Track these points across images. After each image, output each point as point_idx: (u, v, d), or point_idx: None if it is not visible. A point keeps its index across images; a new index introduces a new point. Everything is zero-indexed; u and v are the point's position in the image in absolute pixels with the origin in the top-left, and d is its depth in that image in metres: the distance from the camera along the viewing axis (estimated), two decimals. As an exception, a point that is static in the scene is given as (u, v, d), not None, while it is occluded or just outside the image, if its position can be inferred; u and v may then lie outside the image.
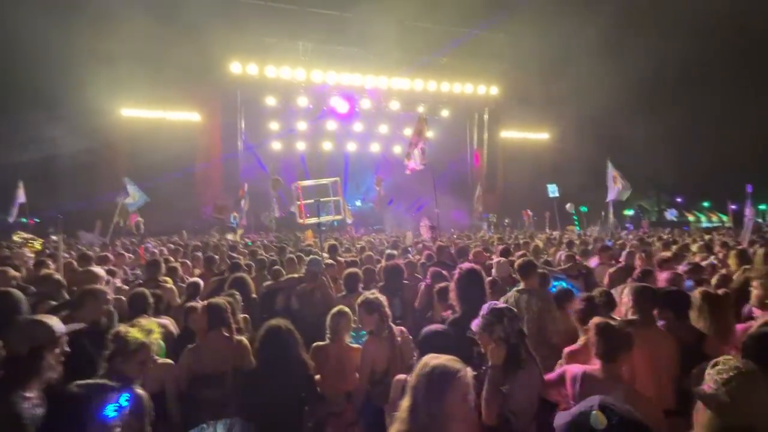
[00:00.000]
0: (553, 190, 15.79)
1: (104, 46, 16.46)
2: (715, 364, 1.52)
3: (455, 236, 12.89)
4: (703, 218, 28.76)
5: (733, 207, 16.05)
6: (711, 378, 1.50)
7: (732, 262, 4.94)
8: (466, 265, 3.16)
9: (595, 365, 2.19)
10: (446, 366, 1.54)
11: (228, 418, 2.25)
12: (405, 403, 1.56)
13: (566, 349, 2.81)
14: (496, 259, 5.07)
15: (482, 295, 3.00)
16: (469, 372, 1.56)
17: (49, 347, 1.96)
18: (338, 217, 11.71)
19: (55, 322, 2.04)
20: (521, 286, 3.87)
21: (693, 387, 1.57)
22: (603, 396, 1.20)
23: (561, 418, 1.24)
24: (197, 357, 2.79)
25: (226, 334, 2.89)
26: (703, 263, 5.16)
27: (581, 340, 2.76)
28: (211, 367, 2.74)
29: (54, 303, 3.54)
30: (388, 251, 7.89)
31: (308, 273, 4.91)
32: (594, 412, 1.13)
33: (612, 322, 2.26)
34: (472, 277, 3.03)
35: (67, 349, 2.07)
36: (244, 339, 3.01)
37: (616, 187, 11.00)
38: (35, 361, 1.90)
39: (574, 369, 2.26)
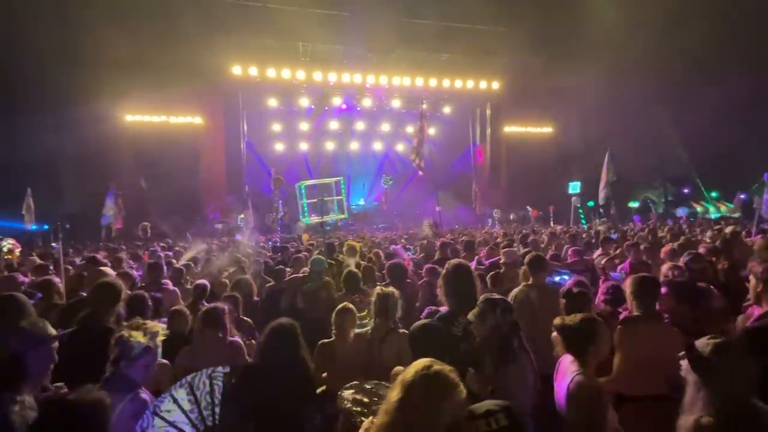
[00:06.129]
0: (574, 188, 15.53)
1: (107, 53, 16.59)
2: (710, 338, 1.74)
3: (460, 233, 12.84)
4: (711, 209, 28.28)
5: (742, 196, 15.82)
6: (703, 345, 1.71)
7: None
8: (454, 261, 3.11)
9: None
10: (448, 377, 1.48)
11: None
12: (395, 395, 1.48)
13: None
14: (504, 249, 5.07)
15: (472, 289, 2.93)
16: (463, 391, 1.49)
17: (32, 352, 1.94)
18: (342, 216, 11.78)
19: (36, 328, 2.01)
20: (530, 281, 3.81)
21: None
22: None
23: None
24: (192, 358, 2.86)
25: (220, 336, 2.95)
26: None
27: None
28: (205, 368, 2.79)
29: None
30: (392, 247, 7.99)
31: (312, 272, 4.98)
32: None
33: (571, 319, 2.26)
34: (460, 272, 2.96)
35: (56, 354, 2.05)
36: (238, 340, 3.05)
37: (603, 183, 10.70)
38: (18, 366, 1.89)
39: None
